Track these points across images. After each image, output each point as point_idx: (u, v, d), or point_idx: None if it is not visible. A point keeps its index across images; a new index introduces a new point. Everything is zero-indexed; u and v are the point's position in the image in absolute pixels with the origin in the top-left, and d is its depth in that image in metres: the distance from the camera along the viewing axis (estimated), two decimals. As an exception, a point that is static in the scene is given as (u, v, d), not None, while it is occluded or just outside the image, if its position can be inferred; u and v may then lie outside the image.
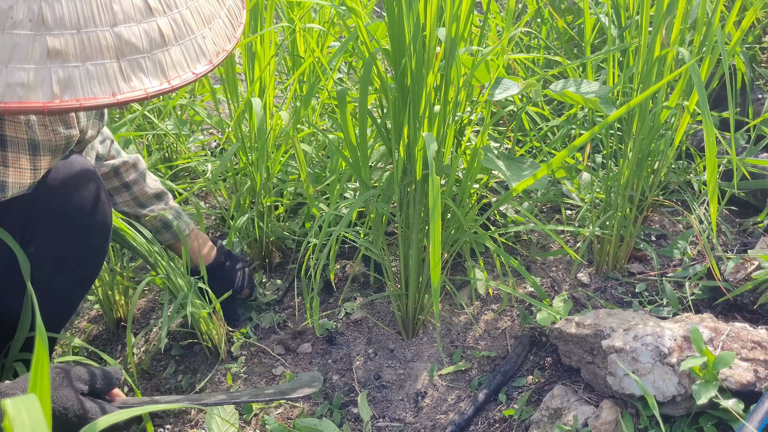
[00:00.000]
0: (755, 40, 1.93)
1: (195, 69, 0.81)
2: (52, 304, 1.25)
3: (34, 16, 0.70)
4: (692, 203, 1.65)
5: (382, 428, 1.39)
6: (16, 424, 0.42)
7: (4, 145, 1.08)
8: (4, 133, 1.08)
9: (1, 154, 1.08)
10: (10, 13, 0.70)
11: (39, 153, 1.12)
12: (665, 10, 1.31)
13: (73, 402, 1.03)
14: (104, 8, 0.74)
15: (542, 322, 1.44)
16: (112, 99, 0.74)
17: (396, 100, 1.28)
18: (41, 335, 0.50)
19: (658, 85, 1.13)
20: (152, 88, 0.77)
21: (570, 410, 1.26)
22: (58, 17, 0.71)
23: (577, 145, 1.16)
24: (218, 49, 0.85)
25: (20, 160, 1.10)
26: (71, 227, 1.21)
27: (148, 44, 0.77)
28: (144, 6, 0.76)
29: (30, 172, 1.12)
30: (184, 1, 0.81)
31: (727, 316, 1.45)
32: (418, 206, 1.37)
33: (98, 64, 0.74)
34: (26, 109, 0.70)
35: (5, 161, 1.08)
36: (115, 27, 0.74)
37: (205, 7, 0.84)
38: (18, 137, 1.09)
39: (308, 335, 1.62)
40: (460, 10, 1.20)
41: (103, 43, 0.73)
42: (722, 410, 1.11)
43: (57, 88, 0.71)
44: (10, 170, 1.09)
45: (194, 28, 0.82)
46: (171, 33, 0.79)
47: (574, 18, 2.09)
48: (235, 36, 0.89)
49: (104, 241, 1.27)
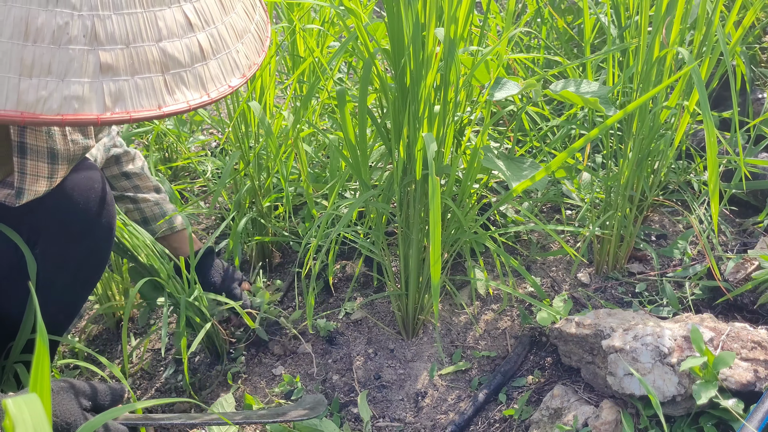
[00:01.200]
0: (755, 40, 1.93)
1: (231, 82, 0.84)
2: (55, 305, 1.25)
3: (88, 32, 0.73)
4: (692, 203, 1.65)
5: (382, 428, 1.39)
6: (18, 423, 0.42)
7: (24, 152, 1.11)
8: (25, 141, 1.11)
9: (20, 162, 1.11)
10: (66, 29, 0.72)
11: (57, 162, 1.15)
12: (665, 10, 1.31)
13: (77, 417, 1.03)
14: (150, 24, 0.77)
15: (542, 322, 1.44)
16: (158, 111, 0.77)
17: (396, 100, 1.28)
18: (42, 335, 0.50)
19: (658, 89, 1.13)
20: (194, 101, 0.80)
21: (570, 410, 1.26)
22: (110, 33, 0.74)
23: (577, 147, 1.16)
24: (250, 63, 0.88)
25: (38, 168, 1.13)
26: (76, 229, 1.21)
27: (189, 58, 0.80)
28: (185, 22, 0.80)
29: (46, 180, 1.15)
30: (220, 16, 0.84)
31: (727, 316, 1.45)
32: (418, 206, 1.37)
33: (145, 77, 0.77)
34: (81, 120, 0.73)
35: (23, 168, 1.11)
36: (160, 42, 0.78)
37: (238, 23, 0.87)
38: (38, 145, 1.12)
39: (308, 335, 1.62)
40: (459, 11, 1.20)
41: (150, 58, 0.77)
42: (722, 410, 1.11)
43: (109, 101, 0.74)
44: (27, 177, 1.12)
45: (229, 43, 0.85)
46: (209, 47, 0.82)
47: (574, 18, 2.09)
48: (264, 49, 0.92)
49: (108, 243, 1.28)
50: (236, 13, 0.87)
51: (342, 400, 1.46)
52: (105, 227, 1.25)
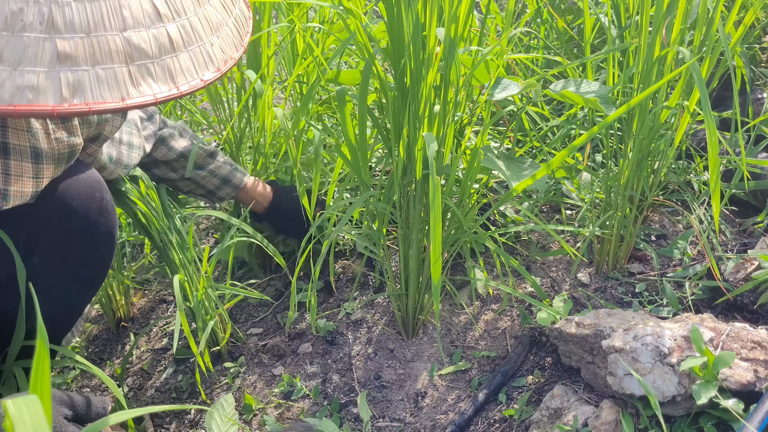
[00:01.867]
0: (755, 40, 1.93)
1: (203, 76, 0.82)
2: (55, 312, 1.24)
3: (44, 19, 0.70)
4: (692, 203, 1.65)
5: (382, 428, 1.39)
6: (18, 424, 0.42)
7: (6, 153, 1.06)
8: (8, 141, 1.06)
9: (3, 163, 1.06)
10: (20, 15, 0.69)
11: (42, 161, 1.11)
12: (665, 9, 1.31)
13: (57, 424, 1.03)
14: (114, 13, 0.74)
15: (542, 322, 1.44)
16: (121, 104, 0.74)
17: (395, 99, 1.28)
18: (42, 337, 0.50)
19: (659, 84, 1.13)
20: (161, 94, 0.77)
21: (570, 410, 1.26)
22: (68, 20, 0.71)
23: (577, 145, 1.16)
24: (226, 57, 0.85)
25: (23, 168, 1.08)
26: (76, 236, 1.20)
27: (158, 50, 0.77)
28: (153, 12, 0.77)
29: (32, 181, 1.10)
30: (192, 8, 0.81)
31: (727, 316, 1.45)
32: (418, 206, 1.37)
33: (108, 68, 0.74)
34: (35, 112, 0.70)
35: (7, 169, 1.06)
36: (124, 32, 0.74)
37: (213, 15, 0.84)
38: (21, 145, 1.07)
39: (308, 335, 1.62)
40: (459, 10, 1.20)
41: (113, 48, 0.73)
42: (722, 410, 1.11)
43: (66, 92, 0.71)
44: (12, 178, 1.07)
45: (203, 36, 0.82)
46: (180, 39, 0.79)
47: (573, 18, 2.09)
48: (242, 44, 0.90)
49: (109, 251, 1.26)
50: (212, 5, 0.84)
51: (342, 400, 1.45)
52: (106, 235, 1.23)
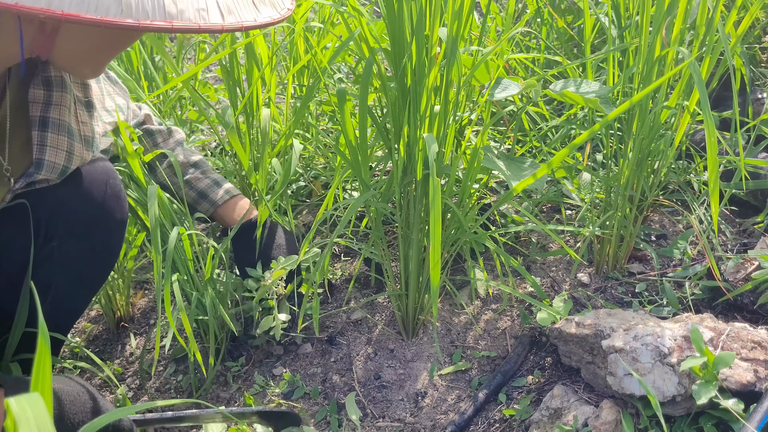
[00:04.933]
0: (755, 40, 1.93)
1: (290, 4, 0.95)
2: (65, 302, 1.28)
3: None
4: (692, 203, 1.65)
5: (382, 428, 1.39)
6: (21, 422, 0.42)
7: (45, 126, 1.15)
8: (48, 115, 1.15)
9: (41, 135, 1.14)
10: None
11: (74, 138, 1.19)
12: (666, 10, 1.31)
13: None
14: None
15: (542, 322, 1.44)
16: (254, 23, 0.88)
17: (396, 99, 1.28)
18: (43, 333, 0.50)
19: (659, 81, 1.13)
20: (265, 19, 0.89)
21: (570, 410, 1.26)
22: None
23: (577, 144, 1.16)
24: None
25: (58, 141, 1.16)
26: (93, 222, 1.24)
27: None
28: None
29: (65, 154, 1.17)
30: None
31: (727, 316, 1.45)
32: (418, 206, 1.37)
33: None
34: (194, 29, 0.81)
35: (44, 141, 1.15)
36: None
37: None
38: (61, 120, 1.16)
39: (308, 335, 1.61)
40: (462, 10, 1.20)
41: None
42: (722, 410, 1.11)
43: (224, 12, 0.85)
44: (47, 149, 1.15)
45: None
46: None
47: (574, 18, 2.09)
48: None
49: (120, 239, 1.32)
50: None
51: (342, 400, 1.45)
52: (119, 222, 1.29)
